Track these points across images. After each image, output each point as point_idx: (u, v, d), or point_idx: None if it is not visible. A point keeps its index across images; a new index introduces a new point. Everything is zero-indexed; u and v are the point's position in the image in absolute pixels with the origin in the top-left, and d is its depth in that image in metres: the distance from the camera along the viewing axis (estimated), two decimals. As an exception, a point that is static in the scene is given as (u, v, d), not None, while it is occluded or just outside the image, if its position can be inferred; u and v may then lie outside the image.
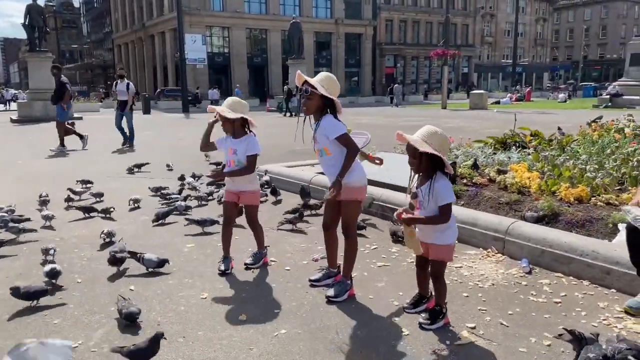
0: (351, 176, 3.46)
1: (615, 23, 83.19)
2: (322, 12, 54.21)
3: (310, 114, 3.53)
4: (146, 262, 4.12)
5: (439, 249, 3.05)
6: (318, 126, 3.48)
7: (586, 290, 3.69)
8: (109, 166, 9.85)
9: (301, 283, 3.89)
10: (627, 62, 30.76)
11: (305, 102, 3.46)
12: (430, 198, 2.95)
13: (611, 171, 5.50)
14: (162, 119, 25.93)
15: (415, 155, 2.96)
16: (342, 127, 3.47)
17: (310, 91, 3.42)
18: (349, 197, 3.53)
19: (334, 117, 3.48)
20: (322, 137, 3.47)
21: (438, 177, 2.98)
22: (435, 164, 2.96)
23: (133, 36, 60.50)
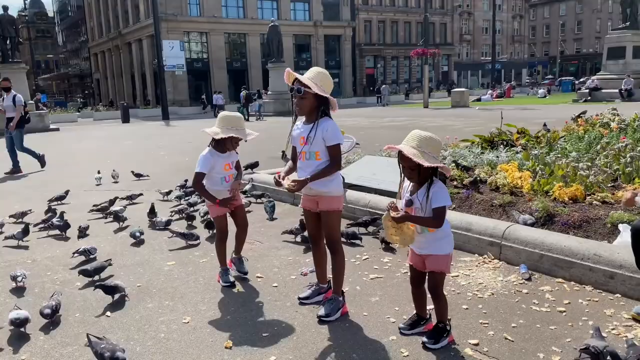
0: (331, 185, 3.26)
1: (590, 18, 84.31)
2: (300, 14, 53.96)
3: (304, 114, 3.29)
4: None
5: (436, 259, 2.84)
6: (316, 127, 3.21)
7: (590, 296, 3.51)
8: (84, 179, 9.49)
9: (290, 301, 3.66)
10: (605, 56, 31.06)
11: (298, 102, 3.21)
12: (427, 205, 2.74)
13: (605, 168, 5.35)
14: (142, 127, 25.47)
15: (413, 167, 2.74)
16: (342, 137, 3.30)
17: (303, 91, 3.17)
18: (328, 207, 3.32)
19: (330, 119, 3.28)
20: (319, 141, 3.21)
21: (434, 182, 2.77)
22: (433, 170, 2.76)
23: (109, 44, 59.61)
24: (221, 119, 3.87)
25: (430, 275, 2.92)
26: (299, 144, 3.29)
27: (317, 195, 3.30)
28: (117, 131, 23.02)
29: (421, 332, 3.05)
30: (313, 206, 3.38)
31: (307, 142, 3.23)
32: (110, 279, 4.06)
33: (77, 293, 3.94)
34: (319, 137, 3.20)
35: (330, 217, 3.35)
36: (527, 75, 78.36)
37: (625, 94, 27.21)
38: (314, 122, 3.23)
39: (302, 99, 3.19)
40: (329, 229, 3.38)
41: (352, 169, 6.89)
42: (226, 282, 4.02)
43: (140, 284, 4.11)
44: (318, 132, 3.20)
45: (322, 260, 3.61)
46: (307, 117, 3.28)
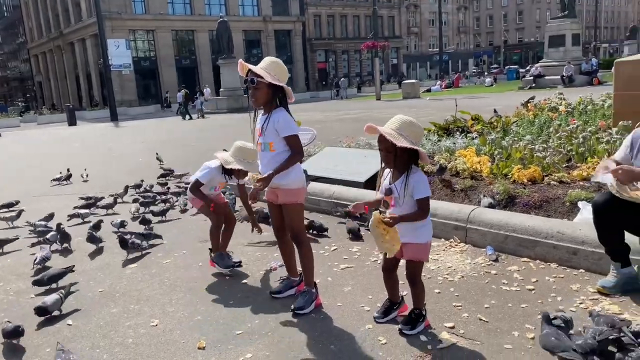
0: (289, 177, 3.19)
1: (530, 8, 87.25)
2: (249, 10, 53.36)
3: (260, 106, 3.23)
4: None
5: (416, 248, 2.82)
6: (269, 118, 3.17)
7: (555, 273, 3.60)
8: (30, 185, 9.05)
9: (262, 296, 3.58)
10: (546, 44, 32.15)
11: (252, 93, 3.15)
12: (405, 193, 2.71)
13: (560, 149, 5.51)
14: (90, 129, 24.57)
15: (390, 149, 2.70)
16: (296, 128, 3.22)
17: (256, 81, 3.10)
18: (288, 199, 3.28)
19: (287, 110, 3.21)
20: (272, 131, 3.16)
21: (413, 170, 2.74)
22: (410, 156, 2.73)
23: (51, 45, 57.19)
24: (237, 149, 3.93)
25: (408, 264, 2.89)
26: (257, 135, 3.25)
27: (276, 188, 3.23)
28: (63, 134, 22.10)
29: (396, 318, 3.04)
30: (274, 198, 3.33)
31: (262, 133, 3.20)
32: (73, 286, 3.85)
33: (33, 303, 3.72)
34: (271, 128, 3.15)
35: (290, 210, 3.30)
36: (473, 65, 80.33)
37: (567, 80, 28.26)
38: (269, 112, 3.19)
39: (256, 90, 3.14)
40: (290, 222, 3.33)
41: (313, 161, 6.84)
42: (227, 267, 4.01)
43: (102, 289, 3.93)
44: (270, 122, 3.16)
45: (289, 252, 3.57)
46: (265, 108, 3.23)
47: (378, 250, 2.88)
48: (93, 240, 4.95)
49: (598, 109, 9.09)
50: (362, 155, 6.46)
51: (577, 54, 31.16)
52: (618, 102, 6.85)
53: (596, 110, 9.02)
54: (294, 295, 3.50)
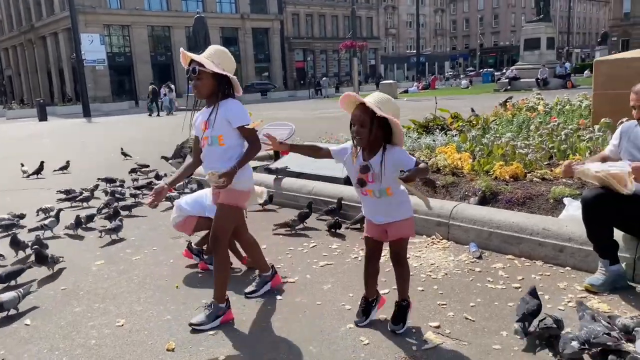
0: (239, 176, 2.87)
1: (505, 12, 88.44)
2: (226, 7, 52.79)
3: (204, 97, 2.97)
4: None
5: (400, 225, 2.66)
6: (216, 110, 2.89)
7: (541, 270, 3.49)
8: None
9: (235, 295, 3.37)
10: (522, 47, 32.60)
11: (195, 84, 2.88)
12: (384, 170, 2.54)
13: (542, 146, 5.44)
14: (61, 125, 23.88)
15: (365, 123, 2.51)
16: (249, 118, 2.96)
17: (198, 70, 2.85)
18: (226, 199, 2.97)
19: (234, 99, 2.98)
20: (222, 123, 2.88)
21: (389, 147, 2.57)
22: (384, 136, 2.56)
23: (21, 38, 55.64)
24: None
25: (393, 244, 2.74)
26: (201, 129, 2.96)
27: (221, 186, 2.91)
28: (33, 129, 21.43)
29: (376, 316, 2.89)
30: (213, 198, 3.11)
31: (209, 126, 2.91)
32: (31, 283, 3.60)
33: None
34: (221, 118, 2.88)
35: (224, 210, 2.97)
36: (449, 68, 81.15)
37: (542, 82, 28.66)
38: (215, 105, 2.92)
39: (198, 80, 2.87)
40: (217, 224, 2.97)
41: (292, 157, 6.65)
42: None
43: (65, 286, 3.68)
44: (220, 113, 2.88)
45: (252, 249, 3.42)
46: (208, 100, 2.97)
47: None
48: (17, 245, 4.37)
49: (575, 109, 9.14)
50: (342, 151, 6.29)
51: (552, 58, 31.68)
52: (597, 101, 6.84)
53: (573, 111, 9.06)
54: (271, 292, 3.31)
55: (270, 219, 5.25)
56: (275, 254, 4.12)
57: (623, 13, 66.27)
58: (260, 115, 16.49)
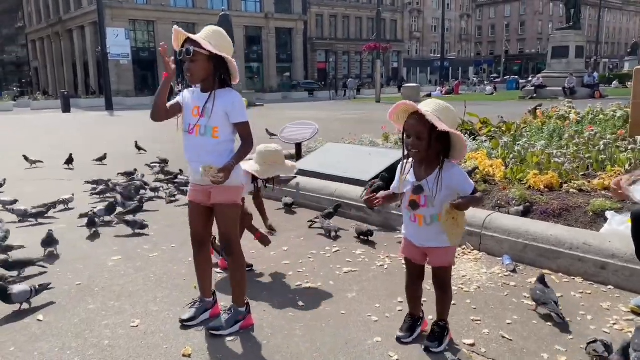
0: (234, 173, 2.67)
1: (532, 19, 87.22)
2: (251, 6, 52.92)
3: (197, 82, 2.69)
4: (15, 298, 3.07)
5: (443, 252, 2.46)
6: (214, 97, 2.64)
7: (582, 288, 3.27)
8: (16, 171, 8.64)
9: (258, 299, 3.21)
10: (549, 55, 31.99)
11: (188, 66, 2.63)
12: (439, 191, 2.35)
13: (579, 155, 5.19)
14: (84, 117, 24.07)
15: (422, 135, 2.31)
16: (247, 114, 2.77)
17: (193, 51, 2.59)
18: (224, 199, 2.73)
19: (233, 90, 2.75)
20: (220, 115, 2.65)
21: (447, 164, 2.38)
22: (443, 148, 2.37)
23: (49, 31, 56.45)
24: (264, 154, 3.63)
25: (437, 270, 2.54)
26: (191, 114, 2.69)
27: (210, 185, 2.67)
28: (56, 120, 21.63)
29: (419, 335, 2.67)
30: (204, 199, 2.77)
31: (204, 114, 2.66)
32: (39, 277, 3.49)
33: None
34: (219, 110, 2.65)
35: (226, 212, 2.76)
36: (473, 74, 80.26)
37: (568, 91, 28.07)
38: (210, 91, 2.67)
39: (192, 62, 2.62)
40: (225, 227, 2.78)
41: (314, 157, 6.50)
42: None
43: (80, 282, 3.56)
44: (218, 104, 2.64)
45: (207, 268, 3.00)
46: (203, 85, 2.71)
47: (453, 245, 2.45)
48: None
49: (609, 119, 8.82)
50: (367, 153, 6.11)
51: (580, 66, 31.01)
52: (636, 111, 6.54)
53: (607, 120, 8.75)
54: (207, 320, 2.90)
55: (291, 220, 5.10)
56: (296, 257, 3.96)
57: (654, 24, 64.70)
58: (283, 115, 16.18)
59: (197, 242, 2.90)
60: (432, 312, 2.73)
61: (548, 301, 2.85)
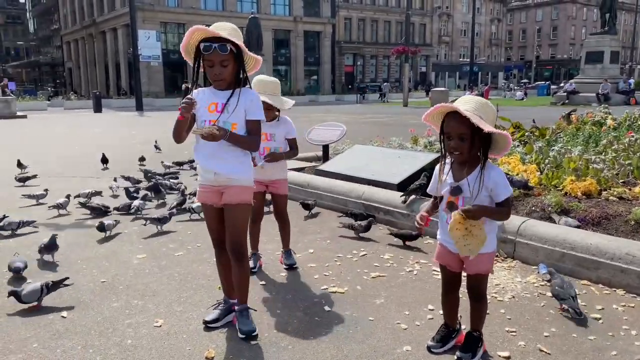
0: (240, 170, 2.63)
1: (565, 24, 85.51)
2: (280, 9, 53.17)
3: (226, 87, 2.61)
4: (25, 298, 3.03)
5: (480, 259, 2.33)
6: (239, 95, 2.59)
7: (624, 301, 3.09)
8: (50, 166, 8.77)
9: (282, 301, 3.13)
10: (583, 60, 31.25)
11: (219, 70, 2.51)
12: (479, 192, 2.24)
13: (622, 161, 4.97)
14: (114, 116, 24.48)
15: (465, 135, 2.20)
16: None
17: (229, 48, 2.48)
18: (236, 199, 2.64)
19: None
20: (240, 111, 2.59)
21: (489, 165, 2.27)
22: (484, 147, 2.26)
23: (83, 32, 57.77)
24: (259, 82, 3.47)
25: (473, 278, 2.41)
26: (207, 110, 2.60)
27: (223, 185, 2.60)
28: (87, 120, 22.04)
29: (452, 347, 2.53)
30: (216, 199, 2.68)
31: (225, 110, 2.57)
32: (66, 280, 3.46)
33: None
34: (241, 107, 2.60)
35: (237, 213, 2.66)
36: (503, 79, 79.03)
37: (602, 98, 27.34)
38: (232, 89, 2.61)
39: (224, 67, 2.51)
40: (235, 229, 2.66)
41: (341, 159, 6.40)
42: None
43: (105, 279, 3.54)
44: (241, 100, 2.59)
45: (230, 269, 2.84)
46: (225, 86, 2.62)
47: (461, 254, 2.30)
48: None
49: (647, 126, 8.51)
50: (396, 156, 5.98)
51: (615, 72, 30.23)
52: (678, 116, 6.29)
53: (646, 127, 8.44)
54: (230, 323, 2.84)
55: (317, 223, 5.02)
56: (323, 260, 3.87)
57: (693, 29, 62.89)
58: (309, 118, 16.12)
59: (218, 243, 2.83)
60: (465, 322, 2.60)
61: (566, 296, 2.88)
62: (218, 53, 2.47)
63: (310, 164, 7.25)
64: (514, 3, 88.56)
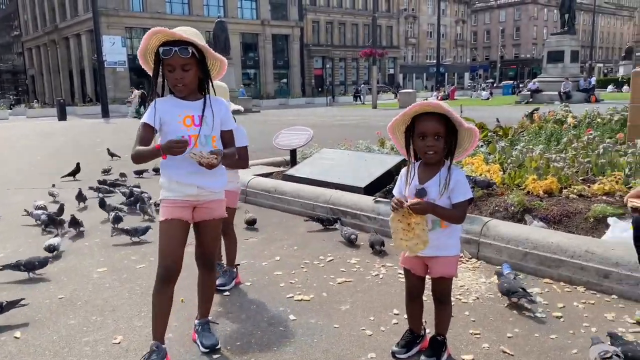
0: (223, 184, 2.53)
1: (527, 24, 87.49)
2: (247, 12, 52.93)
3: (188, 94, 2.40)
4: None
5: (446, 262, 2.32)
6: (210, 104, 2.42)
7: (585, 298, 3.14)
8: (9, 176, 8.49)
9: (245, 313, 3.08)
10: (545, 60, 32.04)
11: (180, 75, 2.31)
12: (444, 195, 2.23)
13: (580, 160, 5.08)
14: (79, 124, 23.91)
15: (442, 133, 2.19)
16: None
17: (191, 52, 2.29)
18: (217, 213, 2.55)
19: None
20: (217, 121, 2.44)
21: (454, 167, 2.27)
22: (447, 151, 2.26)
23: (45, 39, 56.39)
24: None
25: (437, 282, 2.39)
26: (182, 125, 2.36)
27: (202, 200, 2.45)
28: (50, 128, 21.48)
29: (417, 353, 2.51)
30: (188, 215, 2.47)
31: (204, 123, 2.38)
32: (22, 301, 3.34)
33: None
34: (217, 118, 2.44)
35: (217, 225, 2.60)
36: (469, 79, 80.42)
37: (564, 96, 28.06)
38: (199, 98, 2.44)
39: (186, 71, 2.32)
40: (213, 241, 2.60)
41: (308, 163, 6.37)
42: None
43: (63, 295, 3.42)
44: (215, 110, 2.43)
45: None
46: (186, 92, 2.40)
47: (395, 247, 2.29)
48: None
49: (606, 123, 8.75)
50: (362, 159, 5.99)
51: (575, 71, 31.09)
52: (634, 114, 6.47)
53: (604, 124, 8.67)
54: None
55: (286, 228, 4.97)
56: (290, 267, 3.83)
57: (648, 28, 65.12)
58: (280, 120, 16.07)
59: (172, 272, 2.44)
60: (430, 326, 2.60)
61: (516, 289, 2.99)
62: (179, 56, 2.28)
63: (279, 168, 7.20)
64: (477, 4, 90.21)
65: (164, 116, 2.37)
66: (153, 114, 2.36)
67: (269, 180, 6.23)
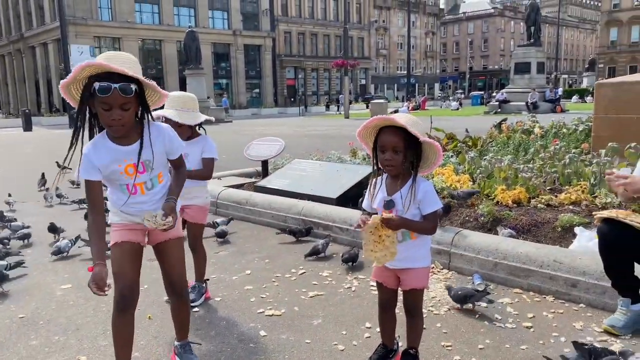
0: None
1: (494, 36, 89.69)
2: (219, 22, 52.76)
3: (124, 132, 2.13)
4: None
5: (416, 274, 2.31)
6: (149, 138, 2.16)
7: (554, 307, 3.17)
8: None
9: (215, 329, 3.01)
10: (512, 71, 32.83)
11: (120, 115, 2.02)
12: (411, 206, 2.23)
13: (547, 170, 5.17)
14: (45, 135, 23.35)
15: (400, 148, 2.19)
16: None
17: (132, 90, 2.02)
18: (177, 232, 2.43)
19: None
20: (160, 155, 2.23)
21: (420, 179, 2.27)
22: (412, 162, 2.25)
23: (10, 47, 55.06)
24: (178, 98, 3.18)
25: (409, 294, 2.37)
26: (124, 174, 2.18)
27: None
28: (15, 139, 20.91)
29: None
30: (141, 238, 2.39)
31: (146, 168, 2.20)
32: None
33: None
34: (159, 153, 2.21)
35: (180, 247, 2.47)
36: (439, 90, 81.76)
37: (531, 106, 28.75)
38: (139, 133, 2.16)
39: (125, 110, 2.03)
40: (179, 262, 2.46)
41: (280, 174, 6.33)
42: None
43: (24, 314, 3.29)
44: (156, 145, 2.18)
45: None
46: (124, 132, 2.12)
47: (365, 257, 2.27)
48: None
49: (571, 133, 8.97)
50: (334, 170, 5.98)
51: (542, 82, 31.93)
52: (598, 125, 6.64)
53: (570, 134, 8.89)
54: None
55: (256, 241, 4.91)
56: (261, 281, 3.77)
57: (610, 41, 67.55)
58: (253, 130, 16.02)
59: (127, 300, 2.32)
60: (402, 340, 2.58)
61: (470, 292, 3.10)
62: (119, 95, 1.99)
63: (250, 179, 7.14)
64: (447, 17, 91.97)
65: (103, 169, 2.15)
66: (90, 167, 2.12)
67: (241, 192, 6.16)
